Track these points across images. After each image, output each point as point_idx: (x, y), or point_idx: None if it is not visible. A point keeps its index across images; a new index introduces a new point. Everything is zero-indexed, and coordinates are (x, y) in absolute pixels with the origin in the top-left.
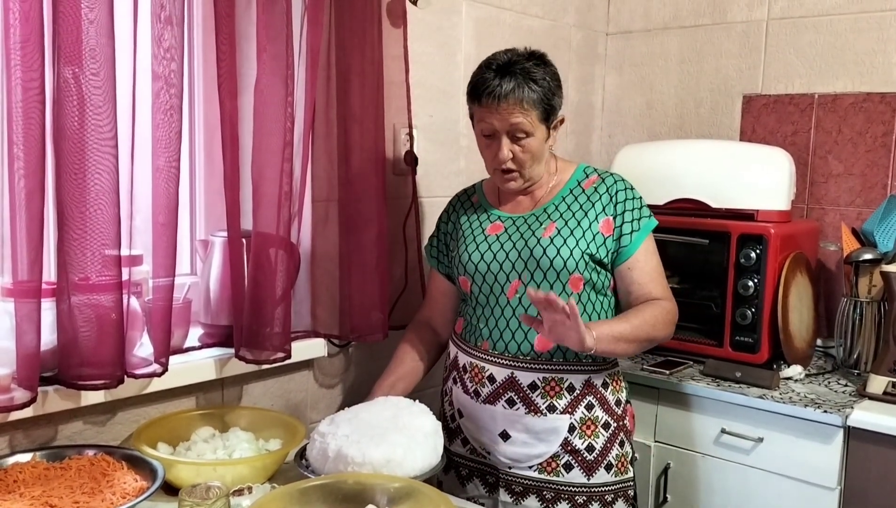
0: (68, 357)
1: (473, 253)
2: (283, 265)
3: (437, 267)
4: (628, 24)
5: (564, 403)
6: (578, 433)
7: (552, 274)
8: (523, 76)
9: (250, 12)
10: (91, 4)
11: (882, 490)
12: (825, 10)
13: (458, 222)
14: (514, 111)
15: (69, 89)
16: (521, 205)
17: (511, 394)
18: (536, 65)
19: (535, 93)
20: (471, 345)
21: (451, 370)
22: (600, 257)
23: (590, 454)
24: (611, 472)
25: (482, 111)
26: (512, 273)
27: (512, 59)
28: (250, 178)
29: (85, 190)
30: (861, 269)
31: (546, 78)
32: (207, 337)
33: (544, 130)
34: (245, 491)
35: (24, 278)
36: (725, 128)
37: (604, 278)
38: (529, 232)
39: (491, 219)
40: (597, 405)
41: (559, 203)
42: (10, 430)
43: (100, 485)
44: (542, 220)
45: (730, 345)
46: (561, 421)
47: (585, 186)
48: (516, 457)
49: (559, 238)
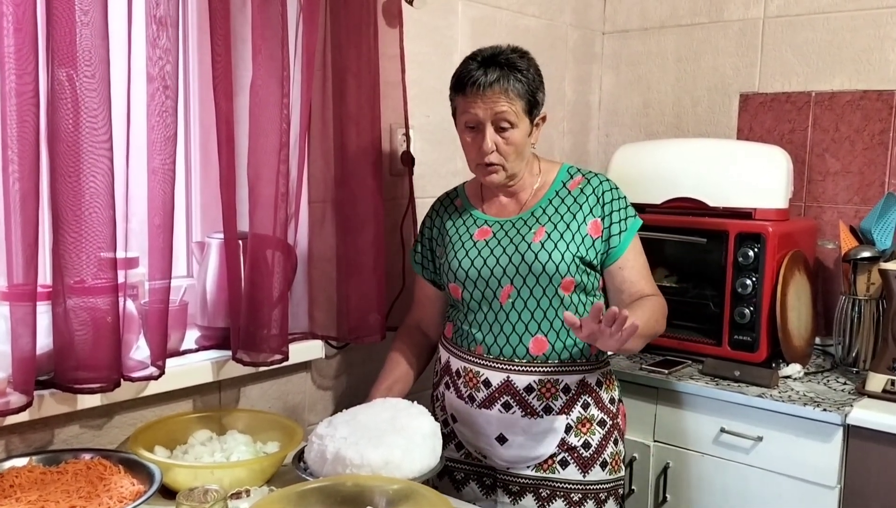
0: (64, 361)
1: (463, 260)
2: (280, 267)
3: (422, 273)
4: (625, 23)
5: (560, 404)
6: (574, 432)
7: (545, 279)
8: (508, 66)
9: (245, 13)
10: (85, 6)
11: (881, 488)
12: (821, 8)
13: (444, 227)
14: (500, 100)
15: (63, 91)
16: (506, 208)
17: (507, 398)
18: (520, 57)
19: (519, 83)
20: (464, 350)
21: (442, 375)
22: (590, 260)
23: (586, 450)
24: (605, 470)
25: (466, 102)
26: (504, 278)
27: (496, 51)
28: (246, 179)
29: (80, 192)
30: (859, 267)
31: (530, 70)
32: (204, 339)
33: (528, 123)
34: (243, 494)
35: (20, 282)
36: (723, 126)
37: (593, 279)
38: (519, 237)
39: (478, 224)
40: (592, 403)
41: (546, 206)
42: (6, 434)
43: (97, 489)
44: (531, 224)
45: (728, 344)
46: (557, 422)
47: (571, 188)
48: (514, 459)
49: (549, 242)
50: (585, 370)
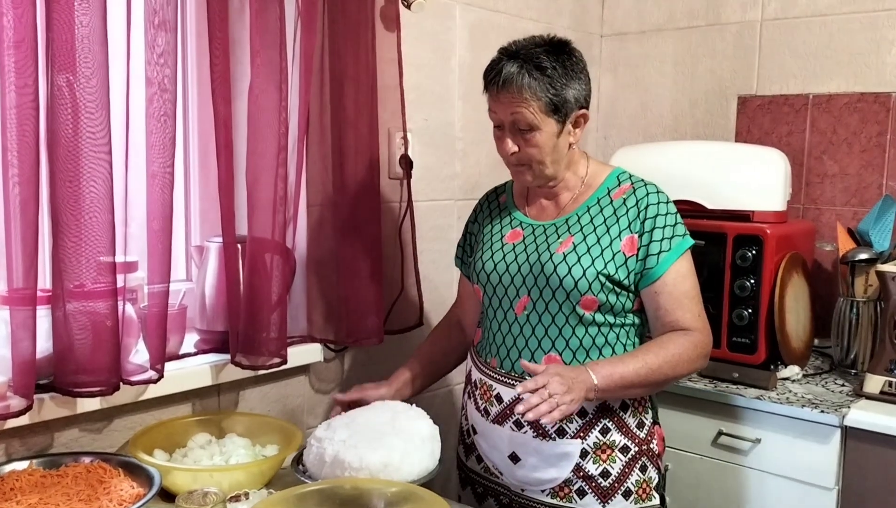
0: (64, 365)
1: (487, 262)
2: (279, 270)
3: (460, 267)
4: (622, 25)
5: (575, 427)
6: (592, 458)
7: (561, 294)
8: (526, 62)
9: (244, 18)
10: (84, 11)
11: (879, 489)
12: (819, 11)
13: (483, 223)
14: (514, 101)
15: (63, 96)
16: (545, 211)
17: (518, 416)
18: (548, 52)
19: (536, 81)
20: (482, 361)
21: (466, 384)
22: (619, 279)
23: (605, 479)
24: (629, 499)
25: (489, 99)
26: (522, 288)
27: (522, 45)
28: (245, 183)
29: (79, 197)
30: (857, 269)
31: (557, 66)
32: (203, 343)
33: (553, 123)
34: (242, 497)
35: (20, 286)
36: (721, 129)
37: (623, 300)
38: (545, 245)
39: (512, 225)
40: (613, 428)
41: (583, 214)
42: (6, 438)
43: (96, 492)
44: (562, 232)
45: (727, 346)
46: (571, 446)
47: (615, 197)
48: (527, 481)
49: (573, 255)
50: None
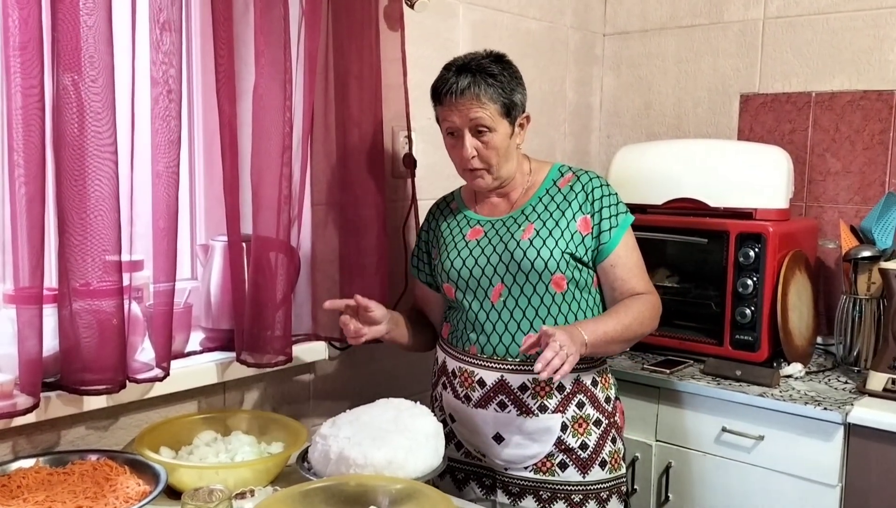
0: (70, 363)
1: (455, 259)
2: (284, 269)
3: (417, 276)
4: (625, 24)
5: (555, 402)
6: (571, 432)
7: (534, 276)
8: (479, 72)
9: (248, 17)
10: (90, 11)
11: (883, 486)
12: (821, 9)
13: (438, 229)
14: (473, 106)
15: (68, 96)
16: (498, 208)
17: (502, 397)
18: (493, 62)
19: (491, 87)
20: (459, 350)
21: (439, 376)
22: (580, 256)
23: (583, 451)
24: (605, 469)
25: (444, 110)
26: (494, 277)
27: (469, 59)
28: (250, 182)
29: (85, 196)
30: (860, 266)
31: (504, 73)
32: (209, 341)
33: (507, 125)
34: (247, 494)
35: (26, 285)
36: (723, 127)
37: (586, 275)
38: (508, 235)
39: (470, 224)
40: (587, 402)
41: (536, 204)
42: (13, 436)
43: (103, 490)
44: (521, 222)
45: (730, 344)
46: (553, 420)
47: (561, 186)
48: (511, 459)
49: (538, 239)
50: (580, 369)
